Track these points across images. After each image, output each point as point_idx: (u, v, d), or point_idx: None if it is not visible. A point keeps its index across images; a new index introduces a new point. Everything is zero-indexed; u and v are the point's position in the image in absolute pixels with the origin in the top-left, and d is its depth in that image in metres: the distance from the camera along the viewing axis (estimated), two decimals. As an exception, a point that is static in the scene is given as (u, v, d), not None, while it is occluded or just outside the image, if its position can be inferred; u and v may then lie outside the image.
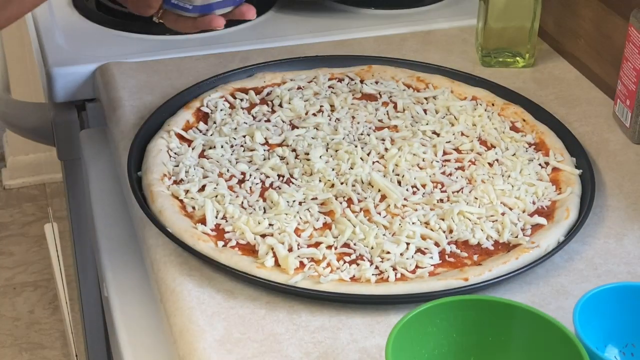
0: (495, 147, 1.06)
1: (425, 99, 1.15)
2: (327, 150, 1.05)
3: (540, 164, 1.04)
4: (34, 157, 2.75)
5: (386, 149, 1.05)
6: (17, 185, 2.79)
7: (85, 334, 1.52)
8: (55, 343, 2.27)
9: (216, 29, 1.00)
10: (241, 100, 1.14)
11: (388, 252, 0.89)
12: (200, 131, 1.08)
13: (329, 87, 1.17)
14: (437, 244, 0.91)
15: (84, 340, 1.55)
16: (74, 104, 1.30)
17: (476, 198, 0.97)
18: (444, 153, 1.05)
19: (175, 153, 1.04)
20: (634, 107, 1.08)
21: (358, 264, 0.89)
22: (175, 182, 0.99)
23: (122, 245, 1.04)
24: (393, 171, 1.01)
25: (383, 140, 1.07)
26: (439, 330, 0.77)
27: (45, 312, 2.36)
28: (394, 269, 0.88)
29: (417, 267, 0.89)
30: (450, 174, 1.02)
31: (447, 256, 0.90)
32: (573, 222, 0.95)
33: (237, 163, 1.03)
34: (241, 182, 1.00)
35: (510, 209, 0.97)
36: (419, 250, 0.91)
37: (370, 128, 1.10)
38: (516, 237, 0.92)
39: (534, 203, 0.98)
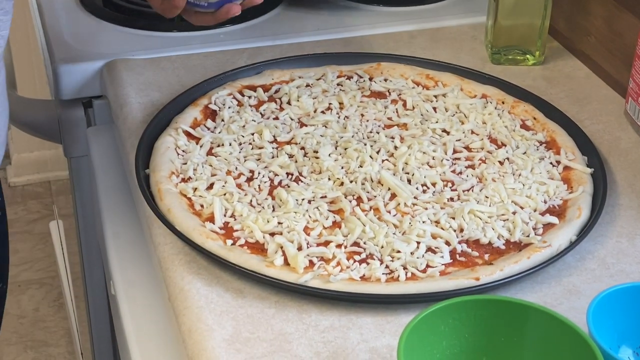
0: (505, 146, 1.05)
1: (435, 96, 1.14)
2: (336, 148, 1.04)
3: (551, 163, 1.03)
4: (39, 155, 2.75)
5: (396, 147, 1.04)
6: (22, 182, 2.79)
7: (91, 332, 1.51)
8: (60, 341, 2.26)
9: (234, 15, 1.04)
10: (249, 97, 1.13)
11: (398, 251, 0.89)
12: (208, 129, 1.08)
13: (338, 84, 1.17)
14: (447, 243, 0.91)
15: (90, 338, 1.54)
16: (81, 101, 1.30)
17: (487, 197, 0.97)
18: (454, 151, 1.05)
19: (183, 151, 1.03)
20: (645, 106, 1.08)
21: (368, 263, 0.88)
22: (183, 179, 0.99)
23: (129, 244, 1.04)
24: (403, 169, 1.01)
25: (392, 138, 1.06)
26: (451, 330, 0.76)
27: (50, 309, 2.36)
28: (405, 268, 0.87)
29: (427, 266, 0.88)
30: (461, 173, 1.01)
31: (458, 255, 0.90)
32: (585, 222, 0.94)
33: (245, 161, 1.02)
34: (250, 180, 1.00)
35: (522, 207, 0.96)
36: (429, 249, 0.90)
37: (379, 126, 1.09)
38: (528, 236, 0.92)
39: (545, 202, 0.97)
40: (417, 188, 0.98)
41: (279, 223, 0.92)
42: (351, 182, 0.98)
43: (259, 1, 1.06)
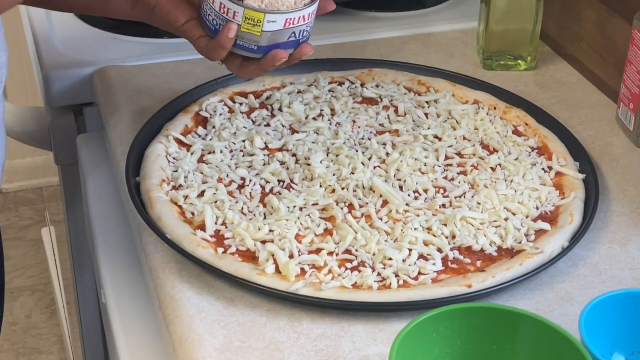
0: (497, 151, 1.05)
1: (427, 102, 1.14)
2: (327, 155, 1.04)
3: (543, 169, 1.03)
4: (30, 161, 2.74)
5: (387, 154, 1.04)
6: (14, 189, 2.78)
7: (82, 339, 1.51)
8: (52, 348, 2.26)
9: (281, 62, 0.96)
10: (240, 104, 1.13)
11: (390, 259, 0.88)
12: (199, 136, 1.07)
13: (329, 90, 1.16)
14: (439, 250, 0.90)
15: (82, 345, 1.54)
16: (71, 108, 1.29)
17: (479, 203, 0.96)
18: (446, 157, 1.04)
19: (174, 158, 1.03)
20: (637, 111, 1.08)
21: (360, 271, 0.88)
22: (174, 187, 0.98)
23: (120, 252, 1.03)
24: (394, 176, 1.00)
25: (384, 144, 1.06)
26: (442, 338, 0.76)
27: (42, 316, 2.35)
28: (396, 276, 0.87)
29: (419, 273, 0.88)
30: (453, 179, 1.01)
31: (450, 262, 0.89)
32: (577, 227, 0.94)
33: (236, 168, 1.02)
34: (241, 187, 0.99)
35: (514, 214, 0.95)
36: (421, 256, 0.90)
37: (371, 132, 1.09)
38: (520, 242, 0.91)
39: (537, 208, 0.97)
40: (408, 195, 0.98)
41: (270, 231, 0.92)
42: (343, 189, 0.98)
43: (310, 50, 0.97)
